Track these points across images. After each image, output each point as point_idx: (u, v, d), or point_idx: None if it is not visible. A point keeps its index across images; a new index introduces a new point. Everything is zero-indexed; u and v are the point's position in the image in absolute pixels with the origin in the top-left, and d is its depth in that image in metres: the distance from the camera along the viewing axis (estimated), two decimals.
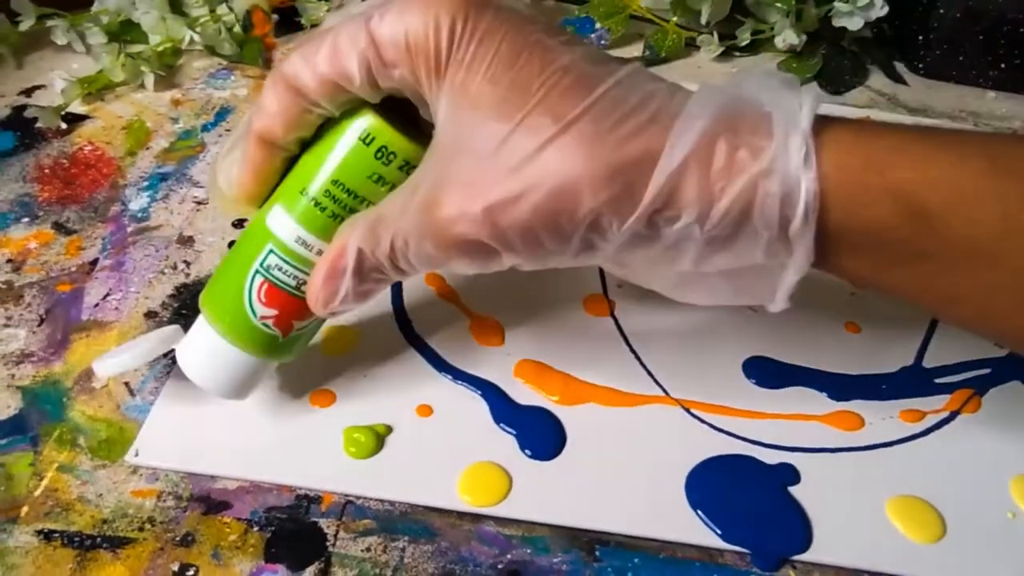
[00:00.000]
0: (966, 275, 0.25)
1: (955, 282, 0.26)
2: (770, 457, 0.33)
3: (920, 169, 0.25)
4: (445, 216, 0.26)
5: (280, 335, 0.31)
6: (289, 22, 0.56)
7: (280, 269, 0.30)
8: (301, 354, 0.33)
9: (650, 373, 0.36)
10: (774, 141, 0.24)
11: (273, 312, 0.30)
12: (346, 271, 0.28)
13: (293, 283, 0.30)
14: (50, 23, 0.52)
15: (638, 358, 0.37)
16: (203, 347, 0.31)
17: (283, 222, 0.29)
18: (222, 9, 0.53)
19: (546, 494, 0.32)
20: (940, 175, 0.24)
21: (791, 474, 0.33)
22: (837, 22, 0.52)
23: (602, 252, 0.27)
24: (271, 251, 0.30)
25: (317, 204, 0.29)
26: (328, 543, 0.31)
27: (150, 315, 0.38)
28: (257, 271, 0.30)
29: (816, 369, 0.37)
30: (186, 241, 0.42)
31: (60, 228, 0.42)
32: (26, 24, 0.51)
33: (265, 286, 0.30)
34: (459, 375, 0.36)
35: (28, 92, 0.50)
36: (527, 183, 0.25)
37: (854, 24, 0.52)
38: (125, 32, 0.52)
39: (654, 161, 0.24)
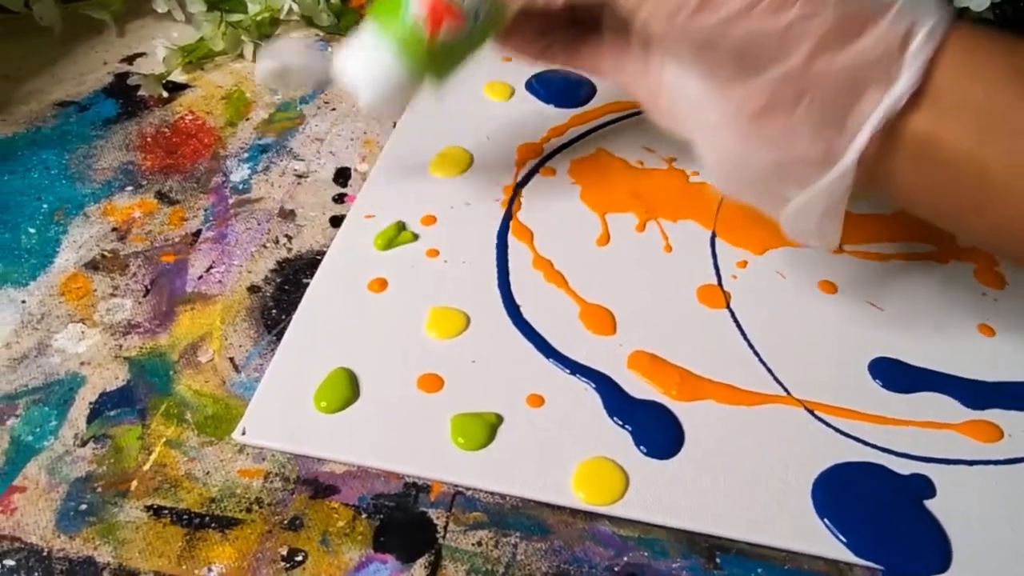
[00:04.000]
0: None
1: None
2: (902, 467, 0.31)
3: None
4: None
5: (426, 37, 0.33)
6: None
7: None
8: (444, 79, 0.35)
9: (770, 370, 0.34)
10: None
11: (425, 9, 0.33)
12: None
13: None
14: None
15: (756, 354, 0.35)
16: (360, 49, 0.35)
17: None
18: None
19: (664, 495, 0.30)
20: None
21: (926, 486, 0.31)
22: (959, 2, 0.49)
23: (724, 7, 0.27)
24: None
25: None
26: (438, 535, 0.30)
27: (253, 289, 0.38)
28: None
29: (947, 374, 0.34)
30: (287, 215, 0.41)
31: (163, 198, 0.42)
32: None
33: None
34: (570, 364, 0.34)
35: (130, 60, 0.50)
36: None
37: (978, 4, 0.48)
38: (223, 0, 0.51)
39: None
